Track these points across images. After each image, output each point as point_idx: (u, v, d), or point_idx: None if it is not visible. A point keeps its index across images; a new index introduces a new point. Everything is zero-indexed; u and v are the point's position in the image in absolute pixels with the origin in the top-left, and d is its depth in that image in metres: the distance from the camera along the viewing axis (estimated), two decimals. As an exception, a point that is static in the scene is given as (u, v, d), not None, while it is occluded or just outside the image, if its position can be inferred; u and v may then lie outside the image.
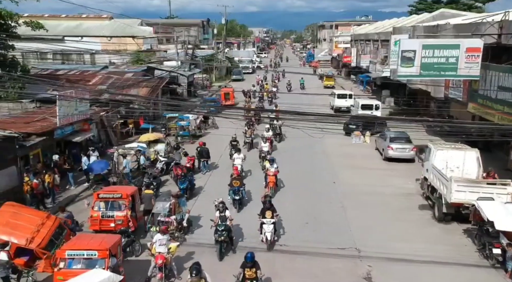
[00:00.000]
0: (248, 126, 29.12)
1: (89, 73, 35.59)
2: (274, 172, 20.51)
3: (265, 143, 25.19)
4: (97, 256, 11.65)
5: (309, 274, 13.86)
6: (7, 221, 13.09)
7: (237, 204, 18.67)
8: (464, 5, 63.41)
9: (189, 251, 15.04)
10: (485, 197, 15.57)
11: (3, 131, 18.45)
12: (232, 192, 18.80)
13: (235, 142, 25.56)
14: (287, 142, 30.10)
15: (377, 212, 18.67)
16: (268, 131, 27.46)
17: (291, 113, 16.59)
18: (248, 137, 28.18)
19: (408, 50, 21.28)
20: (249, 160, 24.18)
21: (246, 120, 29.90)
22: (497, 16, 21.89)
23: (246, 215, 17.98)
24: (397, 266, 14.23)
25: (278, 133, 30.32)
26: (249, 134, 28.19)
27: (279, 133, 30.41)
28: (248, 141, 28.08)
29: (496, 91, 20.78)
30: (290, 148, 28.27)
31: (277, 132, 30.08)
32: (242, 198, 18.93)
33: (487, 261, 14.44)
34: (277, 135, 30.09)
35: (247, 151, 26.50)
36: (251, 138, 28.24)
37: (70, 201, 19.60)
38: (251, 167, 24.01)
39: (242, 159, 22.36)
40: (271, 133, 27.67)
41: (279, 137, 30.41)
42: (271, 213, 15.54)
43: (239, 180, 19.08)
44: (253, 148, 27.88)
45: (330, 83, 55.22)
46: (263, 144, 25.25)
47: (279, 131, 30.27)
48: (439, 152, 19.03)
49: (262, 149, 24.98)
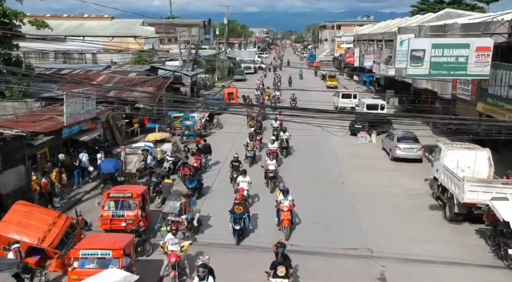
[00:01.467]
0: (251, 137, 25.37)
1: (92, 73, 35.48)
2: (289, 207, 16.32)
3: (272, 160, 21.22)
4: (111, 256, 11.52)
5: (322, 275, 13.73)
6: (19, 220, 13.01)
7: (237, 235, 15.64)
8: (467, 6, 63.38)
9: (200, 250, 14.87)
10: (500, 197, 15.42)
11: (10, 130, 18.33)
12: (233, 220, 15.68)
13: (237, 162, 21.30)
14: (292, 141, 28.51)
15: (387, 212, 18.55)
16: (273, 142, 24.70)
17: (298, 109, 16.41)
18: (250, 150, 24.65)
19: (417, 49, 21.25)
20: (252, 179, 19.45)
21: (249, 132, 27.39)
22: (507, 15, 21.78)
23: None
24: (411, 266, 14.11)
25: (285, 146, 26.55)
26: (251, 147, 24.74)
27: (286, 146, 26.64)
28: (250, 155, 24.54)
29: (507, 89, 20.63)
30: (296, 148, 28.11)
31: (284, 145, 26.41)
32: (244, 228, 15.90)
33: (502, 262, 14.31)
34: (283, 149, 26.41)
35: (248, 167, 22.85)
36: (253, 151, 24.86)
37: (79, 201, 19.47)
38: (257, 190, 20.33)
39: (248, 182, 18.61)
40: (276, 145, 24.80)
41: (286, 151, 26.56)
42: (285, 269, 11.87)
43: (242, 206, 15.90)
44: (256, 162, 24.62)
45: (333, 84, 55.06)
46: (269, 161, 21.14)
47: (286, 144, 26.49)
48: (450, 152, 18.92)
49: (268, 168, 21.07)
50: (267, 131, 31.28)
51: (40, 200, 17.82)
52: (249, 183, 18.49)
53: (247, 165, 23.14)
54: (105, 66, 40.04)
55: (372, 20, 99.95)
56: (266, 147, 25.19)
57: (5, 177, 16.91)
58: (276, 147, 24.53)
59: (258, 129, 29.24)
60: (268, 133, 30.14)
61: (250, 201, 18.69)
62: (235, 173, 20.47)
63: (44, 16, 50.07)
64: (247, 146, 24.73)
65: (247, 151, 24.64)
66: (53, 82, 25.97)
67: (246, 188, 17.96)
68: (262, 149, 26.72)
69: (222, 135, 31.92)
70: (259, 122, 32.07)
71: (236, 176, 19.87)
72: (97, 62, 46.82)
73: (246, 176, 18.62)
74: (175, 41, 55.46)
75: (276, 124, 29.73)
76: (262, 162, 23.67)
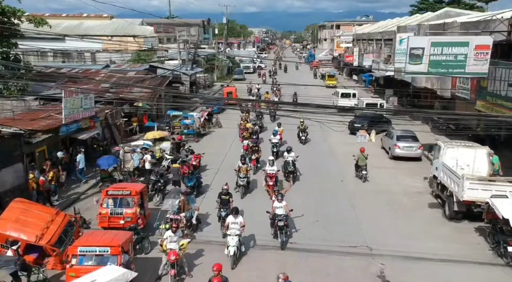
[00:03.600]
0: (243, 160, 20.24)
1: (91, 72, 35.43)
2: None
3: (280, 202, 15.29)
4: (110, 253, 11.49)
5: (322, 273, 13.69)
6: (16, 218, 12.95)
7: None
8: (466, 5, 63.39)
9: (199, 248, 14.88)
10: (499, 195, 15.39)
11: (8, 128, 18.29)
12: None
13: (227, 195, 16.42)
14: (290, 141, 28.68)
15: (386, 210, 18.54)
16: (272, 164, 19.79)
17: (298, 104, 16.35)
18: (243, 178, 19.62)
19: (416, 47, 21.14)
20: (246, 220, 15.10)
21: (243, 151, 22.96)
22: (507, 13, 21.75)
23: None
24: (411, 264, 14.07)
25: (291, 171, 21.33)
26: (244, 173, 19.74)
27: (293, 170, 21.39)
28: (242, 184, 19.59)
29: (507, 87, 20.61)
30: (295, 147, 28.00)
31: (289, 169, 21.31)
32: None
33: (501, 259, 14.29)
34: (289, 173, 21.37)
35: (240, 198, 18.86)
36: (246, 179, 19.80)
37: (77, 199, 19.41)
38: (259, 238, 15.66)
39: (241, 225, 14.23)
40: (276, 168, 19.77)
41: (292, 177, 21.37)
42: None
43: None
44: (249, 191, 20.25)
45: (333, 83, 54.95)
46: (276, 203, 15.29)
47: (292, 168, 21.32)
48: (449, 150, 18.91)
49: (275, 211, 15.26)
50: (267, 132, 30.50)
51: (38, 198, 17.78)
52: (242, 225, 14.24)
53: (238, 196, 18.93)
54: (104, 65, 39.97)
55: (371, 20, 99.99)
56: (263, 170, 20.50)
57: (3, 175, 16.85)
58: (276, 171, 19.72)
59: (254, 146, 24.18)
60: (266, 145, 27.01)
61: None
62: (224, 210, 15.96)
63: (43, 15, 49.99)
64: (238, 172, 19.80)
65: (238, 179, 19.69)
66: (51, 80, 25.89)
67: (234, 246, 13.79)
68: (258, 171, 22.68)
69: (221, 134, 31.90)
70: (256, 133, 27.99)
71: (224, 215, 15.52)
72: (96, 61, 46.78)
73: (238, 216, 14.28)
74: (174, 40, 55.37)
75: (275, 139, 25.64)
76: (257, 190, 20.52)
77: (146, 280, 12.94)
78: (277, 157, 23.73)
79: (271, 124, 33.34)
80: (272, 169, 19.64)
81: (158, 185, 19.22)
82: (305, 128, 28.62)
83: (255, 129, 28.95)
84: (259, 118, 33.18)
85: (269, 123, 34.13)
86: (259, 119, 32.85)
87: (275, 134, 25.92)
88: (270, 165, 19.76)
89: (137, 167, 21.42)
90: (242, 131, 29.02)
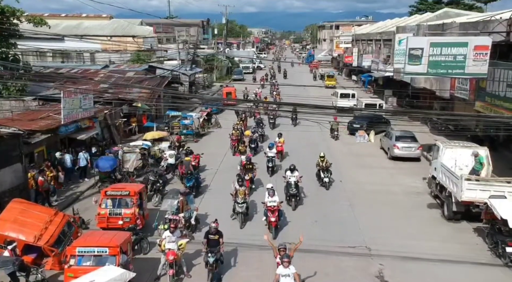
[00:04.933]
0: (240, 181, 17.29)
1: (90, 72, 35.41)
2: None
3: (287, 268, 11.38)
4: (108, 253, 11.46)
5: (320, 273, 13.67)
6: (15, 218, 12.94)
7: None
8: (465, 6, 63.42)
9: (198, 249, 14.82)
10: (497, 195, 15.40)
11: (7, 128, 18.27)
12: None
13: (216, 235, 13.29)
14: (291, 142, 28.17)
15: (385, 210, 18.53)
16: (273, 194, 15.92)
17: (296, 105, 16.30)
18: (241, 204, 16.53)
19: (415, 47, 21.13)
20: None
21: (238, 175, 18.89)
22: (506, 14, 21.76)
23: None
24: (409, 264, 14.06)
25: (294, 194, 18.31)
26: (242, 197, 16.65)
27: (295, 194, 18.38)
28: (241, 211, 16.55)
29: (505, 88, 20.62)
30: (294, 147, 28.07)
31: (291, 192, 18.29)
32: None
33: (499, 259, 14.28)
34: (291, 197, 18.34)
35: (240, 228, 16.39)
36: (245, 204, 16.65)
37: (76, 199, 19.41)
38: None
39: None
40: (277, 199, 15.94)
41: (294, 201, 18.33)
42: None
43: None
44: (249, 219, 17.19)
45: (332, 83, 55.03)
46: (282, 270, 11.42)
47: (295, 190, 18.31)
48: (448, 150, 18.92)
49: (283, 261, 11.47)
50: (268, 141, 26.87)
51: (37, 198, 17.77)
52: None
53: (237, 226, 16.41)
54: (103, 66, 39.95)
55: (370, 20, 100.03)
56: (262, 203, 16.53)
57: (1, 175, 16.84)
58: (278, 202, 15.85)
59: (248, 163, 20.74)
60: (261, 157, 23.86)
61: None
62: (212, 255, 12.74)
63: (42, 15, 49.98)
64: (235, 196, 16.73)
65: (236, 205, 16.66)
66: (50, 80, 25.88)
67: None
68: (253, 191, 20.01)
69: (220, 134, 31.88)
70: (255, 142, 26.10)
71: (213, 261, 12.73)
72: (95, 61, 46.77)
73: None
74: (174, 41, 55.37)
75: (271, 153, 22.51)
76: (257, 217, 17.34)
77: (144, 280, 12.93)
78: (272, 173, 22.20)
79: (271, 132, 31.36)
80: (273, 200, 15.83)
81: (157, 186, 19.20)
82: (327, 166, 21.02)
83: (254, 137, 26.72)
84: (260, 125, 30.37)
85: (268, 131, 31.65)
86: (259, 127, 29.95)
87: (271, 147, 22.93)
88: (270, 195, 15.88)
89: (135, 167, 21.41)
90: (235, 142, 26.17)
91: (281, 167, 22.66)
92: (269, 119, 33.55)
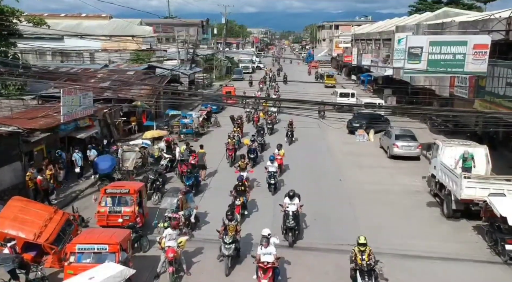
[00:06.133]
0: (230, 214, 13.78)
1: (90, 71, 35.39)
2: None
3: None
4: (108, 250, 11.47)
5: (320, 271, 13.68)
6: (15, 216, 12.95)
7: None
8: (464, 5, 63.44)
9: (197, 247, 14.87)
10: (497, 193, 15.43)
11: (7, 127, 18.27)
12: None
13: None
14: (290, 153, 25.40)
15: (385, 209, 18.54)
16: (267, 244, 12.13)
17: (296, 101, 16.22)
18: (229, 245, 13.23)
19: (415, 46, 21.21)
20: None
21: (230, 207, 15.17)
22: (505, 13, 21.79)
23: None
24: (409, 262, 14.08)
25: (291, 227, 14.93)
26: (232, 235, 13.34)
27: (294, 227, 14.99)
28: (228, 254, 13.21)
29: (505, 87, 20.65)
30: (294, 146, 28.11)
31: (289, 225, 14.91)
32: None
33: (499, 257, 14.30)
34: (288, 230, 15.00)
35: (225, 275, 13.14)
36: (233, 245, 13.29)
37: (76, 197, 19.41)
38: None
39: None
40: (273, 252, 12.15)
41: (292, 235, 14.99)
42: None
43: None
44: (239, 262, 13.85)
45: (332, 83, 55.11)
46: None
47: (293, 223, 14.91)
48: (447, 148, 18.95)
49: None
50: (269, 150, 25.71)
51: (37, 197, 17.72)
52: None
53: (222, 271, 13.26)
54: (103, 65, 39.95)
55: (370, 20, 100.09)
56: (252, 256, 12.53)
57: (1, 173, 16.91)
58: (273, 256, 12.09)
59: (240, 184, 17.20)
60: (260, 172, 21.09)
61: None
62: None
63: (42, 15, 49.96)
64: (223, 234, 13.48)
65: (222, 245, 13.34)
66: (50, 79, 25.87)
67: None
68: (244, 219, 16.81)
69: (220, 133, 31.85)
70: (254, 152, 23.73)
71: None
72: (95, 61, 46.75)
73: None
74: (173, 40, 55.41)
75: (273, 167, 19.86)
76: None
77: (144, 277, 12.95)
78: (275, 191, 19.59)
79: (268, 138, 29.60)
80: (268, 252, 12.04)
81: (156, 184, 19.20)
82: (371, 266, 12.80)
83: (253, 146, 24.28)
84: (260, 133, 27.83)
85: (266, 137, 29.24)
86: (259, 135, 27.33)
87: (272, 160, 20.07)
88: (264, 246, 12.09)
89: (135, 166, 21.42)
90: (231, 152, 23.99)
91: (283, 183, 21.13)
92: (267, 124, 31.99)
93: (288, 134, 29.08)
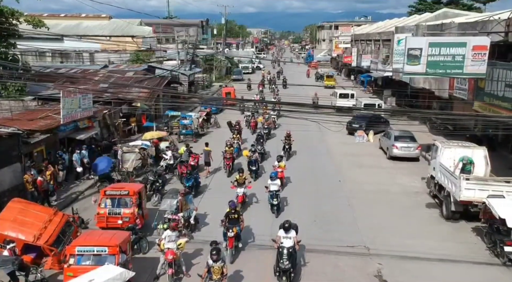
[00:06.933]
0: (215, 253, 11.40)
1: (90, 72, 35.41)
2: None
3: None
4: (107, 252, 11.47)
5: (319, 272, 13.71)
6: (14, 218, 12.96)
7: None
8: (464, 6, 63.49)
9: (197, 248, 14.89)
10: (496, 194, 15.46)
11: (6, 128, 18.28)
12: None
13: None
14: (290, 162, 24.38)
15: (384, 210, 18.57)
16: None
17: (295, 105, 16.39)
18: None
19: (414, 48, 21.18)
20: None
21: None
22: (504, 14, 21.82)
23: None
24: (408, 264, 14.11)
25: (286, 269, 12.37)
26: (218, 278, 11.26)
27: (288, 269, 12.41)
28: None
29: (504, 88, 20.68)
30: (293, 147, 28.10)
31: (284, 266, 12.32)
32: None
33: (498, 259, 14.34)
34: (282, 273, 12.44)
35: None
36: None
37: (75, 199, 19.42)
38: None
39: None
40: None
41: (286, 278, 12.43)
42: None
43: None
44: None
45: (331, 83, 55.14)
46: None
47: (287, 264, 12.35)
48: (446, 150, 18.96)
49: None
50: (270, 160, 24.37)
51: (37, 198, 17.71)
52: None
53: None
54: (103, 66, 39.95)
55: (369, 21, 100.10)
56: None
57: (1, 175, 16.85)
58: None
59: (233, 211, 14.61)
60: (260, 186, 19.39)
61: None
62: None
63: (42, 15, 49.98)
64: (206, 277, 11.41)
65: None
66: (49, 80, 25.91)
67: None
68: None
69: (219, 134, 31.87)
70: (255, 164, 21.70)
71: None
72: (95, 61, 46.77)
73: None
74: (173, 41, 55.40)
75: (275, 186, 17.58)
76: None
77: (144, 279, 12.96)
78: (278, 213, 17.48)
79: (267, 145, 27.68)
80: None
81: (156, 185, 19.22)
82: None
83: (253, 157, 22.08)
84: (260, 142, 25.72)
85: None
86: (259, 144, 25.13)
87: (273, 177, 17.81)
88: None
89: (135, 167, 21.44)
90: (229, 161, 22.52)
91: (286, 201, 19.21)
92: (263, 129, 29.82)
93: (285, 148, 25.79)
